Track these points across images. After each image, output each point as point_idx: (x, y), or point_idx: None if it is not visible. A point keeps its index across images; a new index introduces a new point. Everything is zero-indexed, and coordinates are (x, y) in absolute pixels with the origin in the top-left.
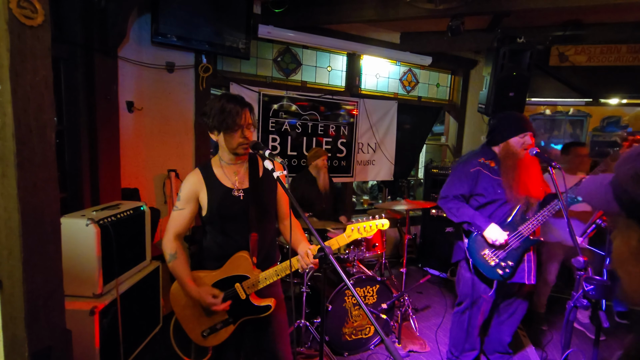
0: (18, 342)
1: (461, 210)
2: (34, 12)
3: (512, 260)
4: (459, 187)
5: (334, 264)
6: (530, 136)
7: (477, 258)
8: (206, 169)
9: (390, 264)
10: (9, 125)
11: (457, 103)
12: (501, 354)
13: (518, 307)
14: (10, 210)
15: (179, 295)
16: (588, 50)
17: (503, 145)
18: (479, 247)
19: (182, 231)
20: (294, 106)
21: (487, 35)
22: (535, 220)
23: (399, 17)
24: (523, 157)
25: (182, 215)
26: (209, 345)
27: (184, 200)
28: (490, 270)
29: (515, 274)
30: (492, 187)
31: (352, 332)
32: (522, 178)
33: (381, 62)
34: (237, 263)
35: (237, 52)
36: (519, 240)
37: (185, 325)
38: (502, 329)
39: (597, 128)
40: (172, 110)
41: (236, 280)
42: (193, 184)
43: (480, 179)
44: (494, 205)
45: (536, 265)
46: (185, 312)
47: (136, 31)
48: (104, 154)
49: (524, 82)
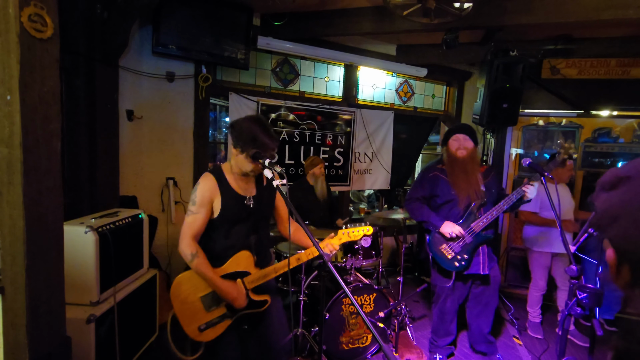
0: (19, 348)
1: (420, 211)
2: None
3: (467, 253)
4: (420, 190)
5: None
6: (462, 138)
7: (436, 252)
8: (219, 176)
9: (387, 272)
10: (17, 134)
11: (452, 114)
12: (486, 344)
13: (489, 299)
14: (15, 217)
15: (178, 290)
16: (579, 63)
17: (445, 149)
18: (437, 243)
19: (198, 234)
20: (291, 115)
21: (481, 49)
22: (484, 217)
23: (395, 30)
24: (459, 158)
25: (199, 219)
26: (204, 340)
27: (198, 205)
28: (447, 262)
29: (470, 266)
30: (446, 188)
31: (349, 341)
32: (461, 177)
33: (378, 73)
34: (239, 261)
35: (237, 63)
36: (471, 235)
37: (183, 320)
38: (480, 321)
39: (589, 139)
40: (172, 119)
41: (238, 276)
42: (208, 190)
43: (437, 182)
44: (449, 205)
45: (489, 257)
46: (185, 306)
47: (137, 41)
48: (103, 161)
49: (516, 94)
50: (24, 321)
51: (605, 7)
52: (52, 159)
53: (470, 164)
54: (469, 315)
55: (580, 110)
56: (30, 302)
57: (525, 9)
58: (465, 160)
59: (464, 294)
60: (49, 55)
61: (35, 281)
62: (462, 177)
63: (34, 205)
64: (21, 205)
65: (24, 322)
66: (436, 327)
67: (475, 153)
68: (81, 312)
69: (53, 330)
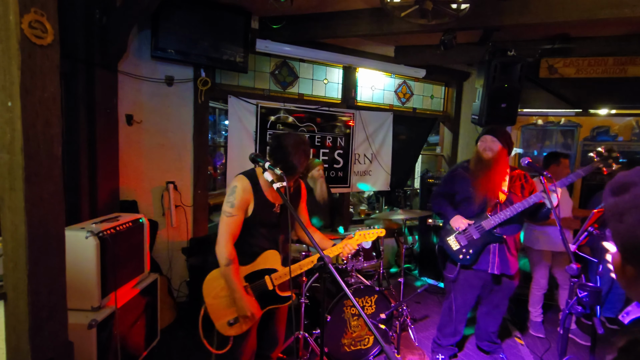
0: (21, 353)
1: (440, 204)
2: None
3: (473, 249)
4: (443, 186)
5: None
6: (490, 139)
7: (445, 242)
8: (254, 182)
9: (388, 274)
10: (18, 140)
11: (451, 114)
12: (489, 343)
13: (500, 301)
14: (17, 223)
15: (211, 286)
16: (576, 62)
17: (475, 150)
18: (446, 234)
19: (236, 235)
20: (291, 118)
21: (479, 49)
22: (496, 217)
23: (393, 31)
24: (484, 158)
25: (236, 221)
26: (232, 334)
27: (237, 208)
28: (453, 253)
29: (477, 261)
30: (466, 186)
31: (351, 343)
32: (482, 176)
33: (376, 75)
34: (268, 259)
35: (235, 66)
36: (479, 231)
37: (214, 314)
38: (488, 320)
39: (587, 138)
40: (171, 123)
41: (266, 273)
42: (245, 195)
43: (459, 179)
44: (467, 202)
45: (503, 261)
46: (216, 301)
47: (136, 46)
48: (103, 166)
49: (515, 94)
50: (27, 327)
51: (602, 6)
52: (54, 164)
53: (495, 166)
54: (479, 312)
55: (579, 109)
56: (32, 308)
57: (522, 9)
58: (490, 162)
59: (475, 295)
60: (49, 61)
61: (38, 287)
62: (484, 176)
63: (35, 210)
64: (23, 211)
65: (26, 328)
66: (443, 324)
67: (502, 155)
68: (82, 318)
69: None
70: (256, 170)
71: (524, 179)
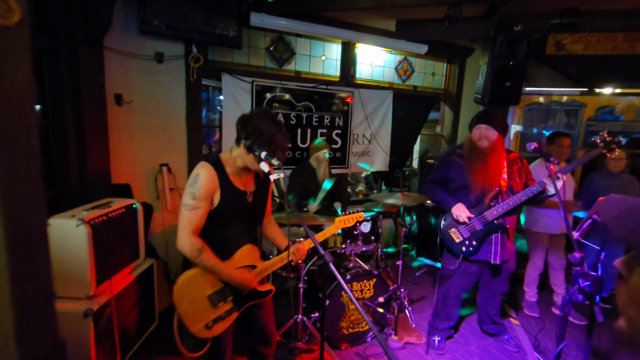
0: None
1: (435, 191)
2: (10, 11)
3: (476, 240)
4: (436, 173)
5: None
6: (485, 128)
7: (446, 235)
8: (219, 169)
9: (385, 255)
10: None
11: (453, 92)
12: (493, 325)
13: (498, 286)
14: None
15: (185, 291)
16: (585, 38)
17: (468, 136)
18: (448, 226)
19: (199, 229)
20: (287, 95)
21: (484, 23)
22: (500, 207)
23: (395, 4)
24: (480, 148)
25: (200, 214)
26: (212, 335)
27: (200, 199)
28: (455, 246)
29: (479, 252)
30: (461, 174)
31: (350, 326)
32: (479, 166)
33: (376, 51)
34: (246, 254)
35: (229, 41)
36: (482, 223)
37: (189, 320)
38: (487, 304)
39: (591, 117)
40: (163, 102)
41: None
42: (210, 184)
43: (453, 166)
44: (464, 191)
45: (504, 249)
46: (192, 306)
47: (122, 20)
48: (93, 149)
49: (520, 72)
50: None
51: None
52: (31, 157)
53: (492, 154)
54: (479, 297)
55: (585, 87)
56: (18, 310)
57: None
58: (486, 151)
59: (472, 282)
60: (18, 43)
61: (22, 289)
62: (480, 166)
63: (13, 207)
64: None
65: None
66: (438, 309)
67: (499, 143)
68: (78, 307)
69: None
70: (221, 156)
71: (519, 163)
